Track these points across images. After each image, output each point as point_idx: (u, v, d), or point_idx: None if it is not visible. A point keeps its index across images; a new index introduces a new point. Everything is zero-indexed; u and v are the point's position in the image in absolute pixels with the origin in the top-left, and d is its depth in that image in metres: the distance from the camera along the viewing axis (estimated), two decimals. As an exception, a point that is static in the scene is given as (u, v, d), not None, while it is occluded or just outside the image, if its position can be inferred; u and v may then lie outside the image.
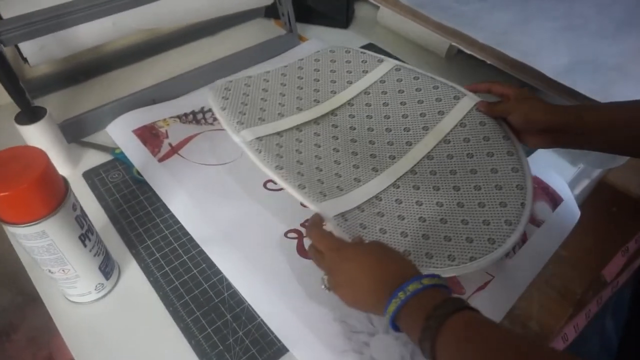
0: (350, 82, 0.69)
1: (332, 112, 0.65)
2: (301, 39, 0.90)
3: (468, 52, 0.72)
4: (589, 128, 0.49)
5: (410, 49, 0.90)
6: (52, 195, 0.40)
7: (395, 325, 0.38)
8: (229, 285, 0.52)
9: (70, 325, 0.49)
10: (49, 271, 0.45)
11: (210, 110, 0.72)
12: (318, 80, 0.69)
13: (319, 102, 0.66)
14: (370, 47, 0.91)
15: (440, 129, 0.60)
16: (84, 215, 0.45)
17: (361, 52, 0.72)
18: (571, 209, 0.63)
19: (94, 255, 0.47)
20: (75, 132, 0.68)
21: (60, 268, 0.44)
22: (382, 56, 0.72)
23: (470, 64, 0.84)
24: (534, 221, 0.60)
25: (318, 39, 0.90)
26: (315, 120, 0.64)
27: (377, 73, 0.69)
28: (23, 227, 0.39)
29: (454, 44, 0.74)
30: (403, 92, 0.66)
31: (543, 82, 0.65)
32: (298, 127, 0.62)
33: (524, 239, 0.59)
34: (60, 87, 0.76)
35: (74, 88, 0.77)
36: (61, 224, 0.41)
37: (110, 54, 0.81)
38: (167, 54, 0.85)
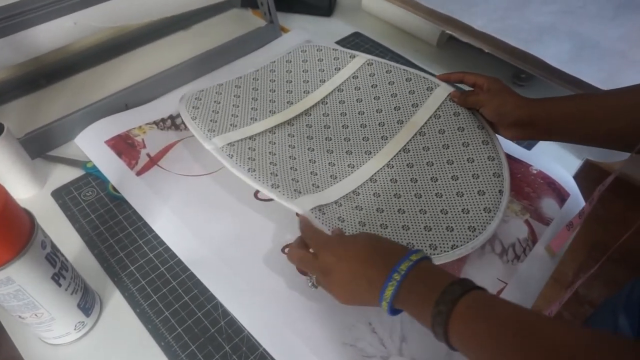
0: (323, 81, 0.67)
1: (306, 112, 0.64)
2: (283, 29, 0.84)
3: (464, 40, 0.68)
4: (556, 121, 0.50)
5: (399, 37, 0.85)
6: (16, 236, 0.35)
7: (393, 310, 0.38)
8: (225, 312, 0.48)
9: (48, 370, 0.44)
10: (19, 317, 0.39)
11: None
12: (290, 82, 0.68)
13: (292, 103, 0.65)
14: (355, 36, 0.85)
15: (415, 121, 0.60)
16: (55, 250, 0.39)
17: (333, 49, 0.70)
18: (578, 204, 0.61)
19: (71, 294, 0.41)
20: (39, 146, 0.61)
21: (32, 313, 0.39)
22: (354, 51, 0.70)
23: (464, 52, 0.80)
24: (543, 220, 0.58)
25: (301, 29, 0.84)
26: (289, 122, 0.63)
27: (350, 69, 0.68)
28: (-18, 275, 0.34)
29: (447, 31, 0.70)
30: (376, 86, 0.65)
31: (546, 71, 0.61)
32: (271, 130, 0.61)
33: (534, 239, 0.56)
34: (20, 95, 0.69)
35: (35, 95, 0.69)
36: (29, 267, 0.36)
37: (75, 54, 0.74)
38: (138, 51, 0.78)
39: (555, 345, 0.29)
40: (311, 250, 0.45)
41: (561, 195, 0.60)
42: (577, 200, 0.61)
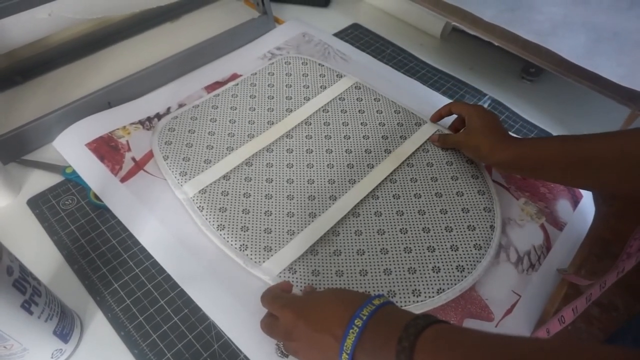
0: (307, 98, 0.64)
1: (287, 135, 0.59)
2: (277, 21, 0.79)
3: (471, 32, 0.64)
4: (541, 164, 0.48)
5: (400, 29, 0.81)
6: (-25, 263, 0.30)
7: None
8: (219, 334, 0.44)
9: (23, 402, 0.39)
10: (-14, 349, 0.35)
11: (180, 109, 0.63)
12: (272, 98, 0.63)
13: (273, 123, 0.60)
14: (354, 27, 0.81)
15: (403, 152, 0.58)
16: (25, 275, 0.35)
17: (319, 65, 0.68)
18: (591, 205, 0.57)
19: (45, 321, 0.37)
20: (13, 150, 0.56)
21: (0, 345, 0.35)
22: (341, 71, 0.67)
23: (470, 45, 0.76)
24: (557, 224, 0.54)
25: (296, 21, 0.79)
26: (268, 148, 0.58)
27: (336, 90, 0.65)
28: (-63, 310, 0.29)
29: (454, 23, 0.65)
30: (364, 112, 0.63)
31: (561, 66, 0.58)
32: (248, 162, 0.56)
33: (548, 246, 0.52)
34: (-8, 93, 0.63)
35: (8, 93, 0.64)
36: (-7, 297, 0.31)
37: (53, 48, 0.68)
38: (121, 45, 0.73)
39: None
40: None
41: (574, 197, 0.57)
42: (589, 202, 0.57)
